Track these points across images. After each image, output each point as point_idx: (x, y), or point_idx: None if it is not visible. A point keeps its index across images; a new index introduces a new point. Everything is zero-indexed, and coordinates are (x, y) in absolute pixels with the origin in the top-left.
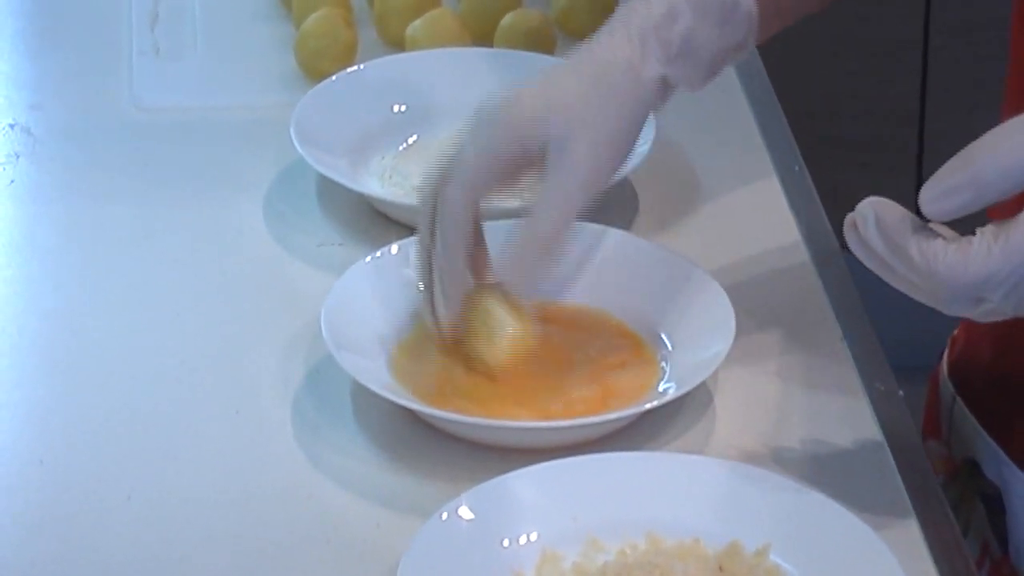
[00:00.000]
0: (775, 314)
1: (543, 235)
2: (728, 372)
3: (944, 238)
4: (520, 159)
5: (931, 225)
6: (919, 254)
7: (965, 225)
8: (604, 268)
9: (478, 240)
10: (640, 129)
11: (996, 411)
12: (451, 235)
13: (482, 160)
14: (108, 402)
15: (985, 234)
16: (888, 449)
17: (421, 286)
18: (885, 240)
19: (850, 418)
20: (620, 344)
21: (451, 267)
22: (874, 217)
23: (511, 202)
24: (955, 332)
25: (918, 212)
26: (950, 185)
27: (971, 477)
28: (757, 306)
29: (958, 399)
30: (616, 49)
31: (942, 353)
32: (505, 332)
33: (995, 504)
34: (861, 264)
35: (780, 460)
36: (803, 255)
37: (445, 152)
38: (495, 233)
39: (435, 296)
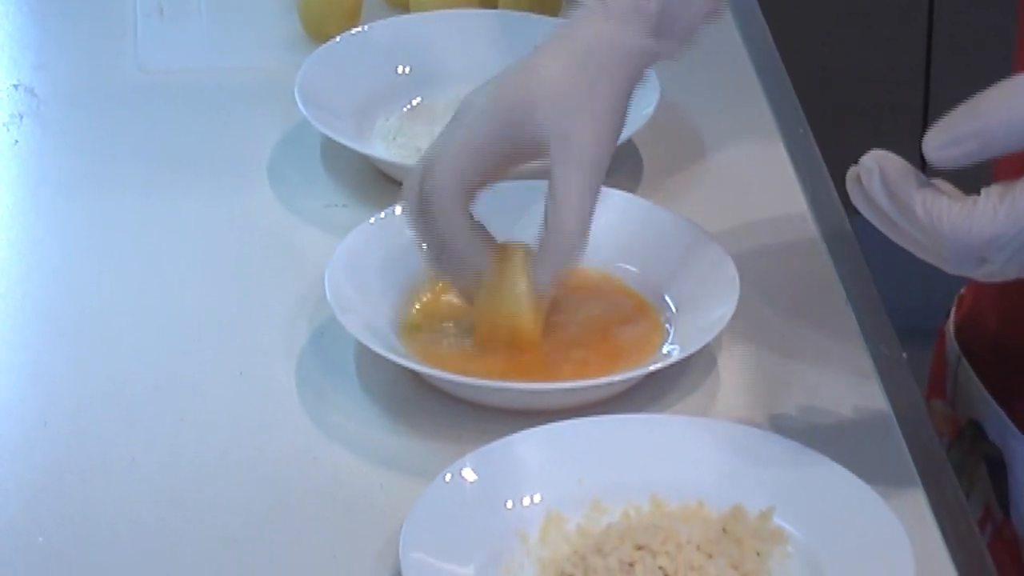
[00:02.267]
0: (779, 278)
1: (571, 231)
2: (732, 335)
3: (948, 196)
4: (511, 153)
5: (935, 181)
6: (923, 211)
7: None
8: (609, 230)
9: (474, 225)
10: (630, 98)
11: (1000, 376)
12: (444, 226)
13: (468, 149)
14: (113, 364)
15: (991, 195)
16: (893, 414)
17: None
18: (889, 195)
19: (854, 382)
20: (625, 306)
21: (455, 257)
22: (878, 171)
23: None
24: (962, 291)
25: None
26: (956, 134)
27: (974, 439)
28: (761, 269)
29: (963, 360)
30: (597, 28)
31: (948, 312)
32: (526, 293)
33: (998, 467)
34: (865, 227)
35: (783, 424)
36: (808, 218)
37: (429, 149)
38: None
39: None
